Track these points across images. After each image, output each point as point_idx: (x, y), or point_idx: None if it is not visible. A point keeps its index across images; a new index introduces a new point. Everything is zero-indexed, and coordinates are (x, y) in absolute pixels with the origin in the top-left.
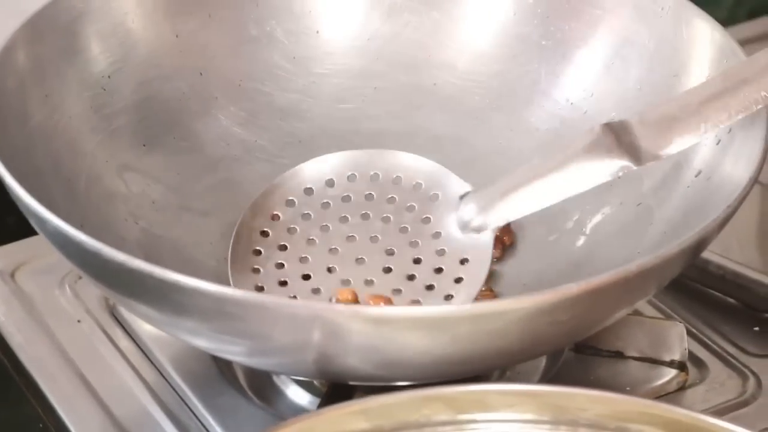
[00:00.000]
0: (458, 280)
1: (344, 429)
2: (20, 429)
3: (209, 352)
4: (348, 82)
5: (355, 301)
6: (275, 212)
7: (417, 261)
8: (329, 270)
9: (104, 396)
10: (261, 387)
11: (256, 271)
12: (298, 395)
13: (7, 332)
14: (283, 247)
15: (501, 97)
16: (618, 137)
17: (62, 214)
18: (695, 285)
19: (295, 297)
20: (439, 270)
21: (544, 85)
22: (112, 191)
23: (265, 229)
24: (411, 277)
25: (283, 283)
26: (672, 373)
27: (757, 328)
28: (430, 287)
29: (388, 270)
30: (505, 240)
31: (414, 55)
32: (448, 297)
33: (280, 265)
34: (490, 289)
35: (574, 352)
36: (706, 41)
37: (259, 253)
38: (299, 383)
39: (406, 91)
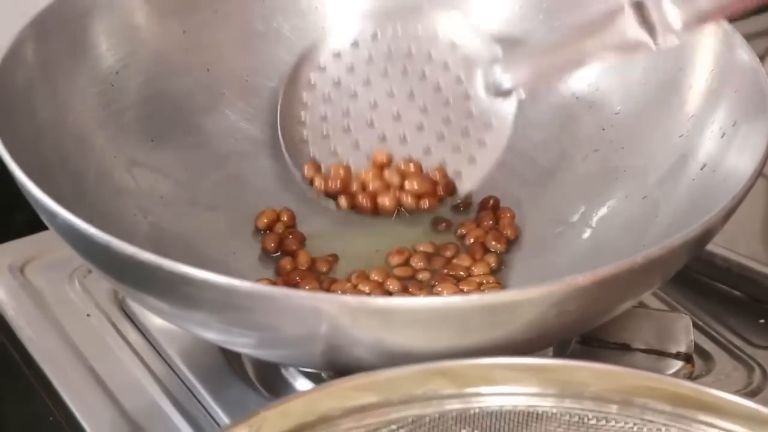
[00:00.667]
0: (481, 144)
1: (352, 402)
2: (31, 422)
3: (218, 344)
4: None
5: (388, 162)
6: (321, 64)
7: (447, 121)
8: (369, 124)
9: (114, 389)
10: (269, 379)
11: (302, 123)
12: (306, 387)
13: (17, 326)
14: (328, 98)
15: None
16: (642, 14)
17: (71, 209)
18: (701, 278)
19: (335, 151)
20: (465, 132)
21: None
22: (120, 186)
23: (312, 82)
24: (440, 137)
25: (326, 137)
26: (678, 364)
27: (762, 321)
28: (456, 149)
29: (420, 127)
30: (508, 234)
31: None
32: (472, 160)
33: (324, 118)
34: (497, 282)
35: (580, 344)
36: (711, 35)
37: (305, 106)
38: (307, 375)
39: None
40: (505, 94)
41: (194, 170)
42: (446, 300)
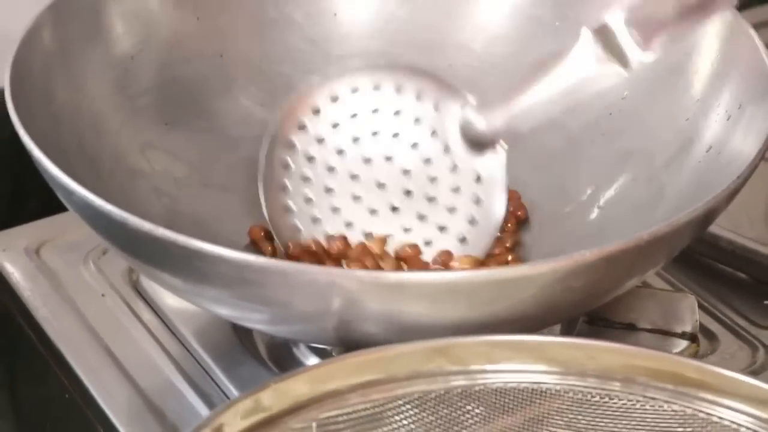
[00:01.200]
0: (477, 201)
1: (359, 378)
2: (46, 400)
3: (231, 320)
4: (365, 63)
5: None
6: (292, 139)
7: (433, 180)
8: (355, 198)
9: (128, 367)
10: (280, 358)
11: (289, 210)
12: None
13: (32, 306)
14: (307, 179)
15: (515, 78)
16: (607, 42)
17: (88, 188)
18: (706, 260)
19: (331, 235)
20: (457, 190)
21: None
22: (135, 169)
23: (287, 161)
24: (432, 200)
25: (316, 220)
26: (683, 344)
27: (766, 302)
28: (452, 210)
29: (408, 193)
30: (520, 215)
31: (430, 38)
32: (473, 221)
33: (309, 200)
34: (518, 258)
35: (587, 324)
36: (717, 22)
37: (285, 189)
38: (318, 354)
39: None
40: (486, 146)
41: (207, 153)
42: (456, 275)
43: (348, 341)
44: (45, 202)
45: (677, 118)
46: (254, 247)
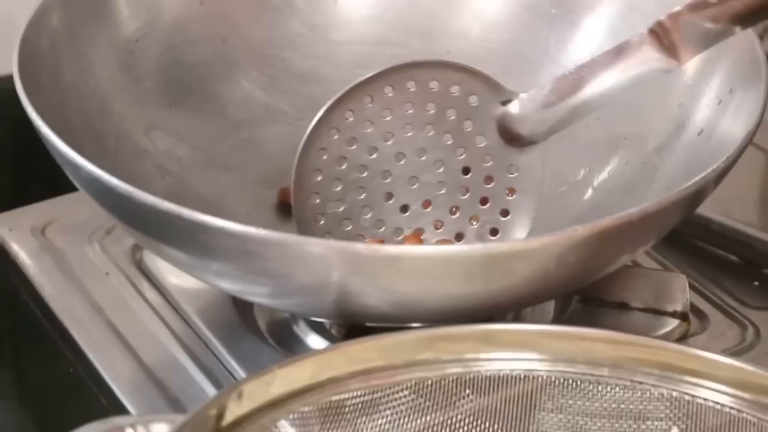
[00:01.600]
0: (511, 193)
1: (359, 365)
2: (52, 374)
3: (234, 294)
4: (365, 49)
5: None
6: (321, 146)
7: (466, 171)
8: (386, 197)
9: (132, 342)
10: (281, 336)
11: (319, 213)
12: (317, 343)
13: (38, 284)
14: (337, 180)
15: (512, 64)
16: (660, 40)
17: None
18: (698, 243)
19: (362, 236)
20: (490, 182)
21: (553, 52)
22: (139, 148)
23: (318, 168)
24: (465, 191)
25: (346, 221)
26: (674, 323)
27: (756, 283)
28: (484, 201)
29: (441, 185)
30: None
31: (429, 24)
32: (505, 212)
33: (339, 202)
34: None
35: (581, 303)
36: None
37: (317, 193)
38: (318, 331)
39: (421, 58)
40: (523, 143)
41: (210, 135)
42: (452, 248)
43: (347, 314)
44: (50, 186)
45: (670, 103)
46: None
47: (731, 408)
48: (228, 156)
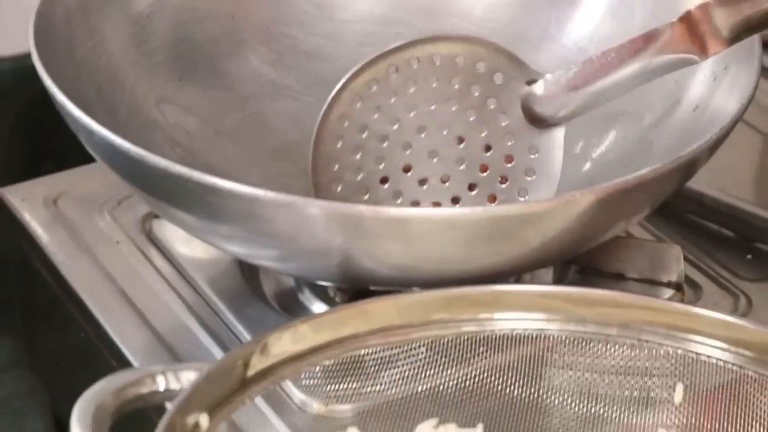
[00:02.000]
0: (530, 173)
1: (378, 323)
2: (62, 340)
3: (242, 258)
4: (370, 27)
5: None
6: (343, 113)
7: (487, 149)
8: (405, 170)
9: (142, 308)
10: (287, 303)
11: (337, 180)
12: (321, 310)
13: (50, 252)
14: (358, 148)
15: (514, 43)
16: (689, 31)
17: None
18: (693, 217)
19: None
20: (510, 161)
21: (554, 31)
22: (150, 120)
23: (341, 131)
24: (484, 169)
25: (364, 190)
26: (669, 293)
27: (749, 256)
28: (503, 180)
29: (461, 161)
30: None
31: (432, 4)
32: (523, 192)
33: (358, 170)
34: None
35: (579, 273)
36: None
37: (336, 158)
38: (322, 299)
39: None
40: (546, 124)
41: (218, 109)
42: (454, 211)
43: (351, 278)
44: (60, 163)
45: (666, 80)
46: None
47: (733, 365)
48: (236, 129)
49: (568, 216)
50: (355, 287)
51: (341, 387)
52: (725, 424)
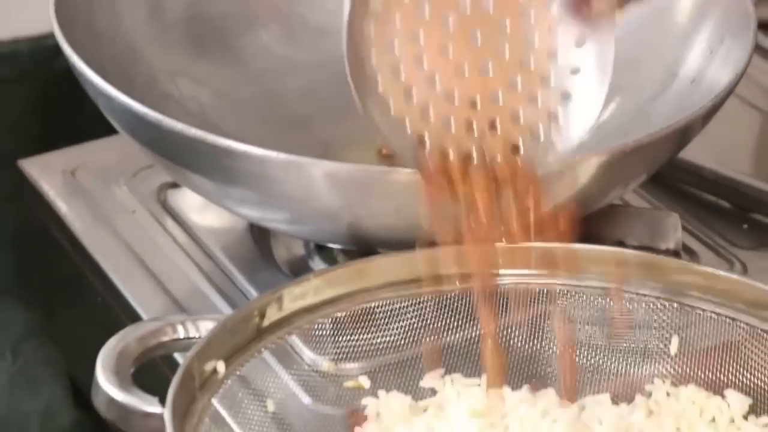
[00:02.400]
0: (565, 96)
1: (389, 277)
2: (80, 304)
3: (255, 221)
4: None
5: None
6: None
7: (521, 65)
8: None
9: (158, 273)
10: (297, 269)
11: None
12: None
13: (68, 220)
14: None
15: None
16: None
17: None
18: (692, 190)
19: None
20: (546, 83)
21: None
22: (165, 92)
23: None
24: (513, 86)
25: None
26: None
27: (745, 226)
28: (534, 101)
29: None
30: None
31: None
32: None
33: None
34: None
35: (579, 242)
36: None
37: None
38: (330, 264)
39: None
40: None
41: (231, 83)
42: None
43: (358, 239)
44: (76, 142)
45: (664, 54)
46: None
47: (726, 317)
48: (248, 102)
49: (569, 178)
50: (363, 250)
51: (352, 338)
52: (718, 373)
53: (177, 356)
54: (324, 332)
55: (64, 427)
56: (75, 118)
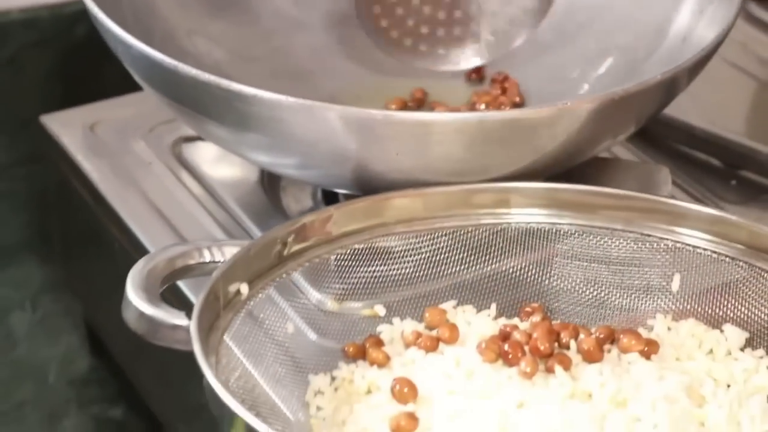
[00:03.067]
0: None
1: (404, 213)
2: (99, 253)
3: (266, 167)
4: None
5: None
6: None
7: None
8: None
9: (173, 221)
10: None
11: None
12: None
13: (88, 171)
14: None
15: None
16: None
17: None
18: (683, 148)
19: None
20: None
21: None
22: (182, 49)
23: None
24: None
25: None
26: None
27: (734, 182)
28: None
29: None
30: (518, 101)
31: None
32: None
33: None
34: None
35: None
36: None
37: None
38: None
39: None
40: None
41: (245, 42)
42: (456, 116)
43: (365, 183)
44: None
45: (657, 16)
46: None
47: (726, 256)
48: (260, 60)
49: (560, 124)
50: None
51: (370, 269)
52: (716, 309)
53: None
54: (342, 263)
55: (81, 372)
56: (94, 81)
